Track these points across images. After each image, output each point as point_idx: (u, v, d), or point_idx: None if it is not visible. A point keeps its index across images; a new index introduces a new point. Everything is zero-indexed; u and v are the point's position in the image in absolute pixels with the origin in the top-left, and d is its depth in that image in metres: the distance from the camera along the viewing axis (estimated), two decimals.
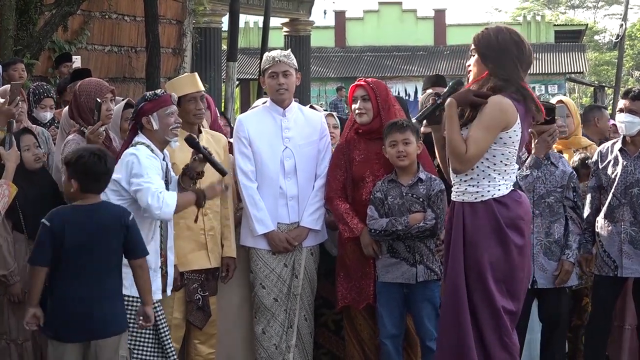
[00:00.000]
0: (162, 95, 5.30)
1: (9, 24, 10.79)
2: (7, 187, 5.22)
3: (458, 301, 4.81)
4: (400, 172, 5.74)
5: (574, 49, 38.15)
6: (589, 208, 6.20)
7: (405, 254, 5.66)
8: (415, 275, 5.63)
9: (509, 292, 4.82)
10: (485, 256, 4.77)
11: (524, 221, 4.84)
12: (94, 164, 4.76)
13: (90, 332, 4.76)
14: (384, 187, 5.73)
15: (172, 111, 5.28)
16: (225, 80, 20.34)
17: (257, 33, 34.91)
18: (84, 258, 4.74)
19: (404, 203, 5.68)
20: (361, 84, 5.91)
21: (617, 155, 6.10)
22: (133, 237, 4.85)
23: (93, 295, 4.75)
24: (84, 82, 6.12)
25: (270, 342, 5.92)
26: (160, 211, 5.05)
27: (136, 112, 5.30)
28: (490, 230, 4.77)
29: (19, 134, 5.74)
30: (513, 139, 4.79)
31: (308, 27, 26.64)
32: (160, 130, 5.24)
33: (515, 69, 4.81)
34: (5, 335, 5.62)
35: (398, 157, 5.64)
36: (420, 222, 5.59)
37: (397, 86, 34.81)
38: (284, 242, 5.87)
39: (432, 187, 5.68)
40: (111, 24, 14.83)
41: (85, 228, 4.76)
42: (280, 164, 5.89)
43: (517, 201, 4.84)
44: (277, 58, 5.91)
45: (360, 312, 5.85)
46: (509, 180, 4.86)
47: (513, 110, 4.75)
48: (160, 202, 5.03)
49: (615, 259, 6.02)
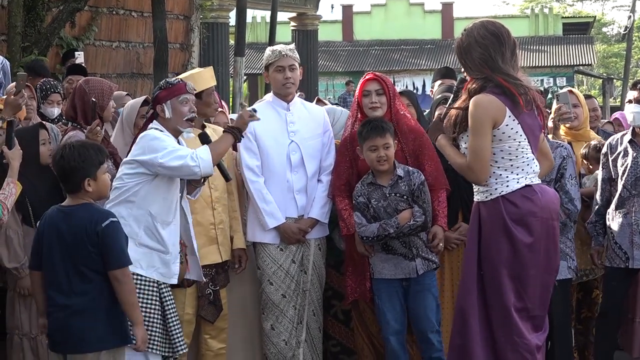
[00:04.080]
0: (175, 84, 5.22)
1: (16, 21, 10.80)
2: (13, 185, 5.22)
3: (467, 302, 4.82)
4: (378, 173, 5.68)
5: (582, 41, 38.03)
6: (599, 200, 6.18)
7: (402, 250, 5.62)
8: (415, 268, 5.61)
9: (523, 289, 4.78)
10: (497, 254, 4.75)
11: (537, 217, 4.75)
12: (57, 164, 4.58)
13: (65, 345, 4.56)
14: (364, 191, 5.67)
15: (186, 99, 5.20)
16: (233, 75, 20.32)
17: (264, 28, 34.88)
18: (60, 265, 4.52)
19: (389, 204, 5.62)
20: (374, 77, 5.87)
21: (627, 147, 6.09)
22: (106, 245, 4.48)
23: (72, 307, 4.50)
24: (91, 81, 6.12)
25: (279, 337, 5.91)
26: (200, 168, 5.00)
27: (152, 100, 5.26)
28: (498, 228, 4.75)
29: (36, 128, 5.74)
30: (507, 133, 4.74)
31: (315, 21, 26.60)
32: (172, 119, 5.17)
33: (491, 60, 4.76)
34: (17, 330, 5.62)
35: (378, 161, 5.58)
36: (410, 220, 5.54)
37: (404, 80, 34.80)
38: (297, 234, 5.86)
39: (412, 182, 5.61)
40: (119, 19, 14.82)
41: (59, 232, 4.54)
42: (286, 158, 5.88)
43: (528, 197, 4.76)
44: (284, 52, 5.90)
45: (369, 306, 5.85)
46: (521, 174, 4.79)
47: (496, 105, 4.71)
48: (196, 160, 4.98)
49: (626, 251, 6.01)
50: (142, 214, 5.03)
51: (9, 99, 5.70)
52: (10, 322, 5.69)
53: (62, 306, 4.53)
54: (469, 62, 4.84)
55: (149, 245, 5.05)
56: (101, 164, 4.63)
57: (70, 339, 4.53)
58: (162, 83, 5.28)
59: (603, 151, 6.24)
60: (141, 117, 5.97)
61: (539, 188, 4.84)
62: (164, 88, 5.21)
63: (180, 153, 5.01)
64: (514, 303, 4.75)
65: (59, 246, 4.53)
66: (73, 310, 4.51)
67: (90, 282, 4.52)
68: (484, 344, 4.79)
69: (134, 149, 5.12)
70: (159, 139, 5.05)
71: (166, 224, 5.11)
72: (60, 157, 4.57)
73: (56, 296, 4.55)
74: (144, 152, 5.03)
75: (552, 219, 4.83)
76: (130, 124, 6.03)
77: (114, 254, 4.51)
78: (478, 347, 4.77)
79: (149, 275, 5.04)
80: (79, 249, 4.50)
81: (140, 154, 5.04)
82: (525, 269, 4.76)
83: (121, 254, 4.54)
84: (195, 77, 5.77)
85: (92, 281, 4.52)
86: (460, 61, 4.90)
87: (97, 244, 4.48)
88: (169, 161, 4.98)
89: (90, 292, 4.52)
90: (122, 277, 4.52)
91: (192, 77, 5.78)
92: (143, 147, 5.05)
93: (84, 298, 4.51)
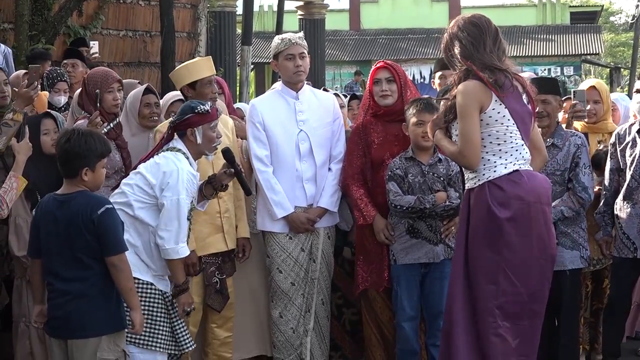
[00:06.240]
0: (211, 111, 5.18)
1: (24, 9, 10.79)
2: (15, 179, 5.20)
3: (453, 288, 4.86)
4: (418, 150, 5.71)
5: (590, 30, 37.91)
6: (607, 190, 6.16)
7: (428, 233, 5.65)
8: (438, 253, 5.64)
9: (512, 271, 4.74)
10: (483, 238, 4.76)
11: (523, 201, 4.74)
12: (61, 147, 4.58)
13: (66, 330, 4.58)
14: (402, 165, 5.71)
15: (215, 125, 5.21)
16: (240, 64, 20.29)
17: (271, 16, 34.83)
18: (57, 252, 4.56)
19: (425, 181, 5.67)
20: (385, 65, 5.89)
21: (635, 137, 6.07)
22: (103, 232, 4.51)
23: (71, 293, 4.53)
24: (92, 71, 6.16)
25: (287, 326, 5.92)
26: (169, 255, 4.99)
27: (181, 120, 5.15)
28: (483, 212, 4.76)
29: (39, 118, 5.73)
30: (495, 117, 4.77)
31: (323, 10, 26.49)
32: (202, 145, 5.18)
33: (470, 52, 4.80)
34: (24, 318, 5.63)
35: (423, 137, 5.60)
36: (445, 202, 5.58)
37: (412, 69, 34.70)
38: (305, 223, 5.87)
39: (450, 167, 5.68)
40: (126, 8, 14.80)
41: (55, 220, 4.56)
42: (295, 147, 5.88)
43: (514, 182, 4.77)
44: (293, 40, 5.89)
45: (379, 295, 5.86)
46: (510, 159, 4.80)
47: (480, 90, 4.75)
48: (177, 251, 4.98)
49: (634, 241, 6.00)
50: (144, 230, 5.05)
51: (21, 91, 5.70)
52: (17, 310, 5.71)
53: (62, 292, 4.56)
54: (452, 58, 4.90)
55: (142, 259, 5.06)
56: (102, 157, 4.66)
57: (70, 324, 4.56)
58: (200, 108, 5.15)
59: (611, 141, 6.22)
60: (145, 105, 5.98)
61: (526, 173, 4.83)
62: (199, 113, 5.13)
63: (183, 226, 4.99)
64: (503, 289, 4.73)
65: (56, 234, 4.56)
66: (73, 295, 4.55)
67: (88, 269, 4.55)
68: (467, 332, 4.80)
69: (154, 167, 5.03)
70: (182, 183, 4.97)
71: None
72: (66, 140, 4.58)
73: (55, 282, 4.59)
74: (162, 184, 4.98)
75: (541, 202, 4.82)
76: (134, 114, 6.05)
77: (110, 241, 4.54)
78: (461, 336, 4.79)
79: (147, 279, 5.06)
80: (76, 236, 4.52)
81: (155, 185, 4.99)
82: (511, 248, 4.72)
83: (117, 240, 4.58)
84: (190, 67, 5.80)
85: (89, 267, 4.55)
86: (446, 58, 4.98)
87: (93, 231, 4.51)
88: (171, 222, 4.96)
89: (89, 278, 4.55)
90: (119, 263, 4.56)
91: (186, 67, 5.81)
92: (164, 179, 4.97)
93: (83, 284, 4.55)
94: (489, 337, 4.76)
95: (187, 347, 5.16)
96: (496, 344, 4.76)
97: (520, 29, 36.66)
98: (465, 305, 4.82)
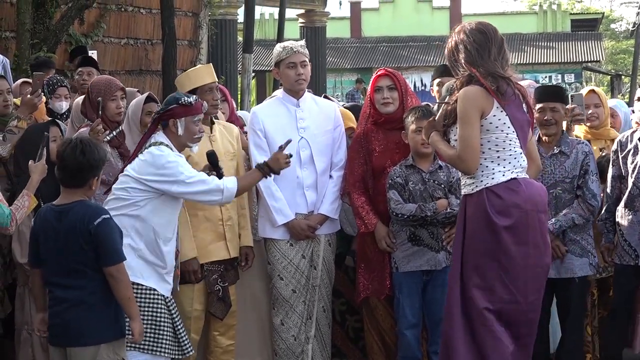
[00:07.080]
0: (195, 104, 5.21)
1: (25, 18, 10.81)
2: (28, 198, 5.23)
3: (451, 294, 4.88)
4: (418, 158, 5.73)
5: (591, 37, 37.95)
6: (609, 197, 6.16)
7: (429, 241, 5.66)
8: (439, 261, 5.65)
9: (509, 280, 4.76)
10: (480, 246, 4.77)
11: (521, 209, 4.76)
12: (68, 156, 4.56)
13: (65, 338, 4.59)
14: (402, 173, 5.72)
15: (199, 119, 5.24)
16: (241, 72, 20.33)
17: (272, 24, 34.87)
18: (56, 262, 4.57)
19: (426, 189, 5.68)
20: (386, 73, 5.91)
21: (637, 145, 6.06)
22: (100, 243, 4.51)
23: (70, 300, 4.54)
24: (96, 79, 6.17)
25: (288, 333, 5.92)
26: (222, 198, 5.15)
27: (165, 110, 5.20)
28: (481, 218, 4.77)
29: (47, 125, 5.75)
30: (495, 123, 4.79)
31: (324, 18, 26.60)
32: (183, 136, 5.20)
33: (475, 59, 4.81)
34: (27, 326, 5.64)
35: (423, 144, 5.61)
36: (446, 209, 5.60)
37: (412, 76, 34.72)
38: (305, 230, 5.87)
39: (451, 174, 5.69)
40: (127, 16, 14.85)
41: (54, 231, 4.57)
42: (296, 155, 5.88)
43: (512, 189, 4.78)
44: (295, 48, 5.91)
45: (381, 302, 5.86)
46: (508, 166, 4.82)
47: (482, 96, 4.77)
48: (221, 189, 5.13)
49: (635, 248, 5.98)
50: (146, 228, 5.06)
51: (25, 99, 5.73)
52: (20, 317, 5.72)
53: (61, 299, 4.58)
54: (455, 63, 4.91)
55: (148, 259, 5.08)
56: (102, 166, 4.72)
57: (69, 332, 4.57)
58: (183, 99, 5.21)
59: (613, 149, 6.22)
60: (146, 113, 6.00)
61: (524, 181, 4.85)
62: (183, 105, 5.17)
63: (203, 179, 5.09)
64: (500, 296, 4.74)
65: (54, 244, 4.57)
66: (71, 303, 4.55)
67: (87, 278, 4.55)
68: (466, 336, 4.81)
69: (142, 165, 5.07)
70: (175, 162, 5.06)
71: (167, 240, 5.15)
72: (80, 152, 4.55)
73: (55, 290, 4.61)
74: (160, 177, 5.03)
75: (538, 211, 4.84)
76: (136, 122, 6.05)
77: (108, 251, 4.54)
78: (460, 340, 4.80)
79: (150, 285, 5.06)
80: (73, 246, 4.53)
81: (156, 180, 5.03)
82: (509, 256, 4.74)
83: (115, 250, 4.57)
84: (191, 74, 5.83)
85: (88, 277, 4.55)
86: (449, 63, 4.99)
87: (90, 242, 4.51)
88: (193, 186, 5.06)
89: (87, 287, 4.56)
90: (116, 273, 4.55)
91: (187, 75, 5.82)
92: (158, 171, 5.03)
93: (82, 292, 4.55)
94: (486, 341, 4.78)
95: (188, 351, 5.19)
96: (494, 347, 4.77)
97: (521, 37, 36.70)
98: (463, 310, 4.83)
